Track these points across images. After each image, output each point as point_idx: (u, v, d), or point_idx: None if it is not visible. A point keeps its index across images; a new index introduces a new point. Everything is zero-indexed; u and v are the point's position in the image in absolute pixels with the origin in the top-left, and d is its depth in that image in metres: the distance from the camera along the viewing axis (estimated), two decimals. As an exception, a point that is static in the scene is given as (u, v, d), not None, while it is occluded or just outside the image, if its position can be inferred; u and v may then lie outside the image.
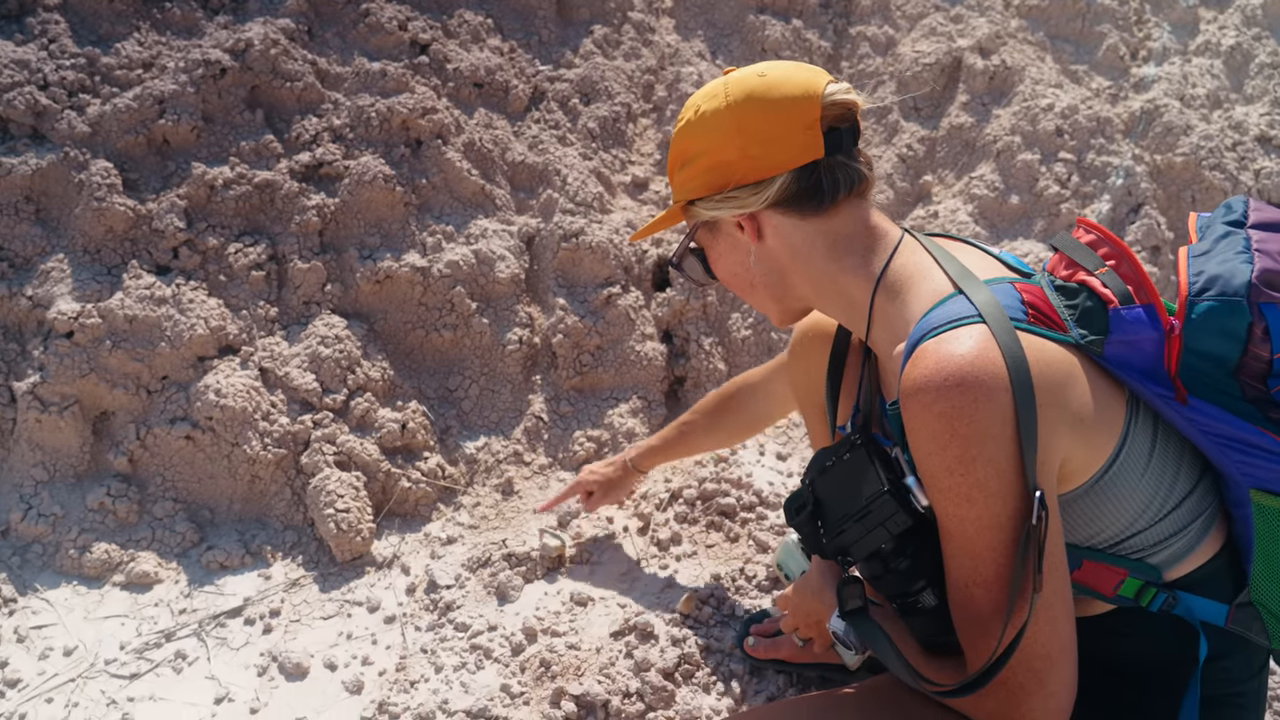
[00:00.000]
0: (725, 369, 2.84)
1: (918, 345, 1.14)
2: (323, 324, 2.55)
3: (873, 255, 1.28)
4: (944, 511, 1.13)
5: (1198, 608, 1.25)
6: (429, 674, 2.02)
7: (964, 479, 1.08)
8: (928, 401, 1.08)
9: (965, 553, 1.12)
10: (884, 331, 1.27)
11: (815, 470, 1.31)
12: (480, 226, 2.78)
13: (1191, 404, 1.19)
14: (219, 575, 2.29)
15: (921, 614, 1.21)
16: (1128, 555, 1.24)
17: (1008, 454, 1.07)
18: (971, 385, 1.06)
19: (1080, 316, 1.19)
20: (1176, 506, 1.23)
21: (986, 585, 1.12)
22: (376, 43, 2.95)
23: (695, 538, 2.34)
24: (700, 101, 1.32)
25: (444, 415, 2.66)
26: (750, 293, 1.41)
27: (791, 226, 1.29)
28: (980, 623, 1.13)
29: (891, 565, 1.20)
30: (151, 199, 2.57)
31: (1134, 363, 1.19)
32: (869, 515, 1.19)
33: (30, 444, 2.37)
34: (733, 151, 1.27)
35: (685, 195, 1.36)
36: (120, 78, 2.67)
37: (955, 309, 1.15)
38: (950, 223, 3.09)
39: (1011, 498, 1.08)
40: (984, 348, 1.08)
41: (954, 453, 1.08)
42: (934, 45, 3.46)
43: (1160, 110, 3.25)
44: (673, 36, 3.52)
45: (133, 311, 2.41)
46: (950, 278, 1.21)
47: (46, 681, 2.02)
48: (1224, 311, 1.16)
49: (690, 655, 1.98)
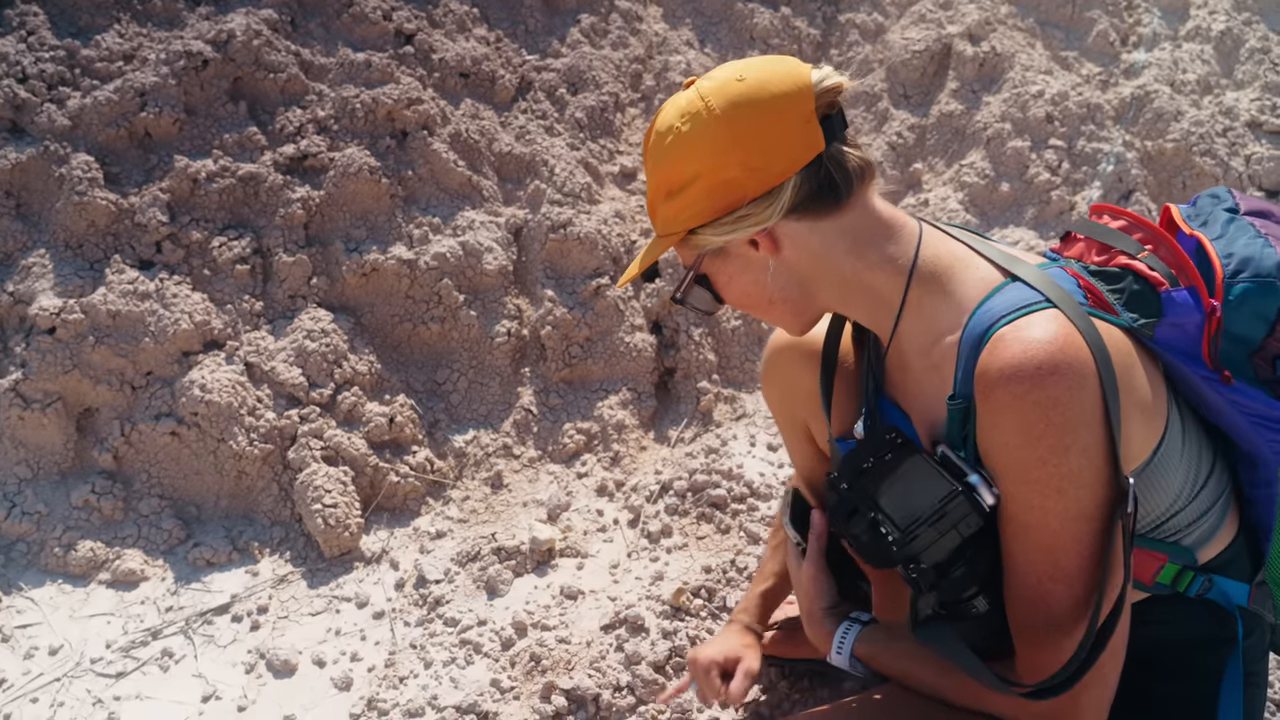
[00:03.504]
0: (715, 360, 2.83)
1: (987, 334, 1.08)
2: (309, 318, 2.53)
3: (896, 248, 1.21)
4: (1027, 504, 1.08)
5: (1230, 590, 1.26)
6: (418, 669, 2.01)
7: (1057, 469, 1.05)
8: (1020, 391, 1.04)
9: (1045, 547, 1.09)
10: (920, 324, 1.20)
11: (851, 472, 1.23)
12: (467, 218, 2.76)
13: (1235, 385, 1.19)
14: (206, 572, 2.27)
15: (971, 620, 1.17)
16: (1165, 539, 1.23)
17: (1098, 441, 1.05)
18: (1065, 372, 1.03)
19: (1129, 300, 1.18)
20: (1203, 486, 1.23)
21: (1068, 580, 1.08)
22: (361, 33, 2.92)
23: (686, 530, 2.33)
24: (676, 122, 1.20)
25: (432, 409, 2.64)
26: (768, 310, 1.30)
27: (808, 231, 1.21)
28: (1053, 621, 1.10)
29: (947, 573, 1.15)
30: (134, 192, 2.54)
31: (1180, 345, 1.19)
32: (944, 518, 1.12)
33: (13, 441, 2.34)
34: (734, 167, 1.17)
35: (682, 225, 1.23)
36: (100, 70, 2.63)
37: (1019, 295, 1.11)
38: (941, 210, 3.08)
39: (1100, 486, 1.06)
40: (1069, 332, 1.05)
41: (1049, 443, 1.04)
42: (923, 32, 3.44)
43: (1151, 96, 3.24)
44: (660, 25, 3.49)
45: (116, 307, 2.38)
46: (997, 265, 1.17)
47: (32, 681, 2.01)
48: (1259, 293, 1.18)
49: (681, 648, 1.97)
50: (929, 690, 1.26)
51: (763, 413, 2.75)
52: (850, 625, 1.37)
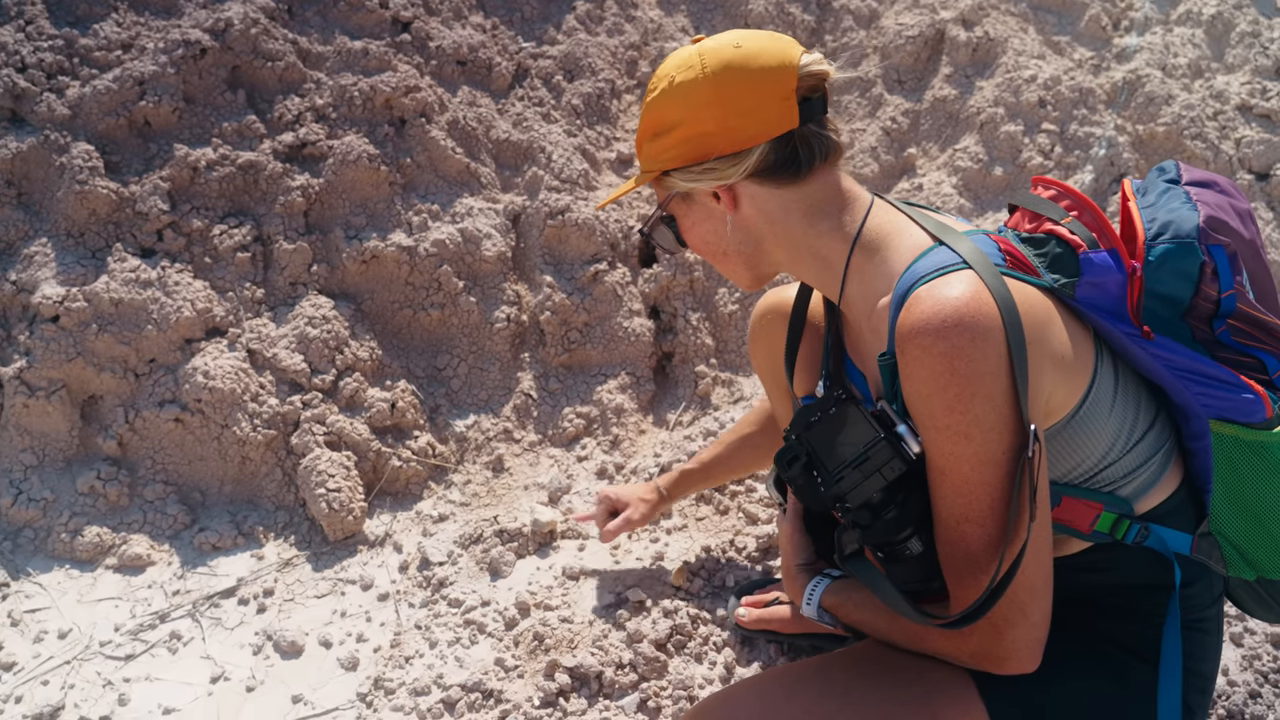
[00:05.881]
0: (713, 344, 2.85)
1: (909, 293, 1.17)
2: (310, 305, 2.55)
3: (846, 217, 1.31)
4: (940, 450, 1.17)
5: (1169, 538, 1.34)
6: (423, 649, 2.04)
7: (963, 416, 1.13)
8: (927, 344, 1.12)
9: (959, 490, 1.17)
10: (861, 288, 1.31)
11: (801, 425, 1.34)
12: (466, 205, 2.78)
13: (1156, 340, 1.27)
14: (211, 556, 2.30)
15: (907, 561, 1.25)
16: (1100, 489, 1.31)
17: (1003, 390, 1.12)
18: (969, 325, 1.11)
19: (1051, 262, 1.27)
20: (1140, 439, 1.31)
21: (980, 520, 1.16)
22: (358, 21, 2.93)
23: (685, 511, 2.36)
24: (674, 71, 1.31)
25: (433, 394, 2.67)
26: (722, 260, 1.42)
27: (768, 195, 1.31)
28: (971, 559, 1.18)
29: (881, 515, 1.23)
30: (134, 181, 2.55)
31: (1101, 304, 1.27)
32: (867, 461, 1.22)
33: (18, 429, 2.37)
34: (711, 122, 1.28)
35: (659, 165, 1.35)
36: (99, 59, 2.64)
37: (940, 258, 1.20)
38: (935, 195, 3.10)
39: (1006, 433, 1.14)
40: (976, 290, 1.14)
41: (954, 391, 1.12)
42: (917, 17, 3.45)
43: (1142, 80, 3.26)
44: (656, 12, 3.50)
45: (118, 295, 2.40)
46: (928, 231, 1.27)
47: (42, 665, 2.03)
48: (1179, 253, 1.28)
49: (682, 626, 2.00)
50: (882, 636, 1.35)
51: (759, 395, 2.78)
52: (820, 580, 1.47)
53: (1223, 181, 1.38)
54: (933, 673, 1.30)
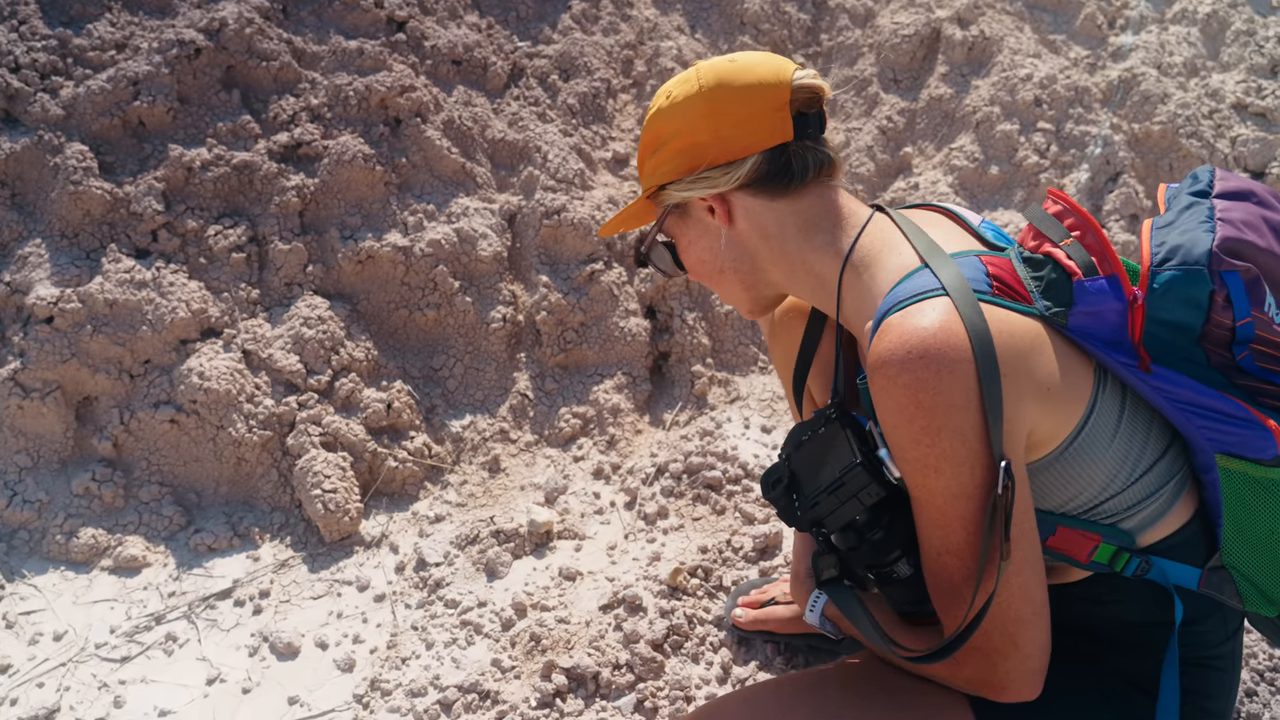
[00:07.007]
0: (709, 344, 2.85)
1: (883, 320, 1.15)
2: (305, 305, 2.54)
3: (841, 233, 1.30)
4: (913, 482, 1.15)
5: (1171, 572, 1.28)
6: (420, 650, 2.04)
7: (930, 450, 1.11)
8: (892, 374, 1.10)
9: (936, 522, 1.15)
10: (854, 305, 1.28)
11: (791, 445, 1.33)
12: (461, 205, 2.77)
13: (1155, 371, 1.20)
14: (207, 558, 2.29)
15: (897, 584, 1.24)
16: (1100, 521, 1.26)
17: (973, 424, 1.09)
18: (934, 357, 1.08)
19: (1045, 288, 1.20)
20: (1146, 472, 1.24)
21: (958, 553, 1.14)
22: (353, 20, 2.93)
23: (682, 511, 2.36)
24: (672, 88, 1.34)
25: (429, 394, 2.66)
26: (719, 281, 1.41)
27: (762, 208, 1.31)
28: (953, 590, 1.16)
29: (866, 536, 1.22)
30: (129, 181, 2.54)
31: (1098, 333, 1.20)
32: (842, 487, 1.21)
33: (13, 430, 2.36)
34: (705, 133, 1.29)
35: (656, 180, 1.36)
36: (93, 59, 2.63)
37: (920, 283, 1.16)
38: (931, 194, 3.10)
39: (978, 468, 1.10)
40: (946, 320, 1.10)
41: (920, 424, 1.10)
42: (912, 16, 3.45)
43: (1138, 79, 3.26)
44: (651, 11, 3.50)
45: (113, 295, 2.39)
46: (917, 251, 1.22)
47: (37, 666, 2.03)
48: (1185, 281, 1.18)
49: (679, 626, 2.00)
50: (882, 653, 1.33)
51: (756, 395, 2.78)
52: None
53: (1261, 190, 1.28)
54: (930, 696, 1.28)
